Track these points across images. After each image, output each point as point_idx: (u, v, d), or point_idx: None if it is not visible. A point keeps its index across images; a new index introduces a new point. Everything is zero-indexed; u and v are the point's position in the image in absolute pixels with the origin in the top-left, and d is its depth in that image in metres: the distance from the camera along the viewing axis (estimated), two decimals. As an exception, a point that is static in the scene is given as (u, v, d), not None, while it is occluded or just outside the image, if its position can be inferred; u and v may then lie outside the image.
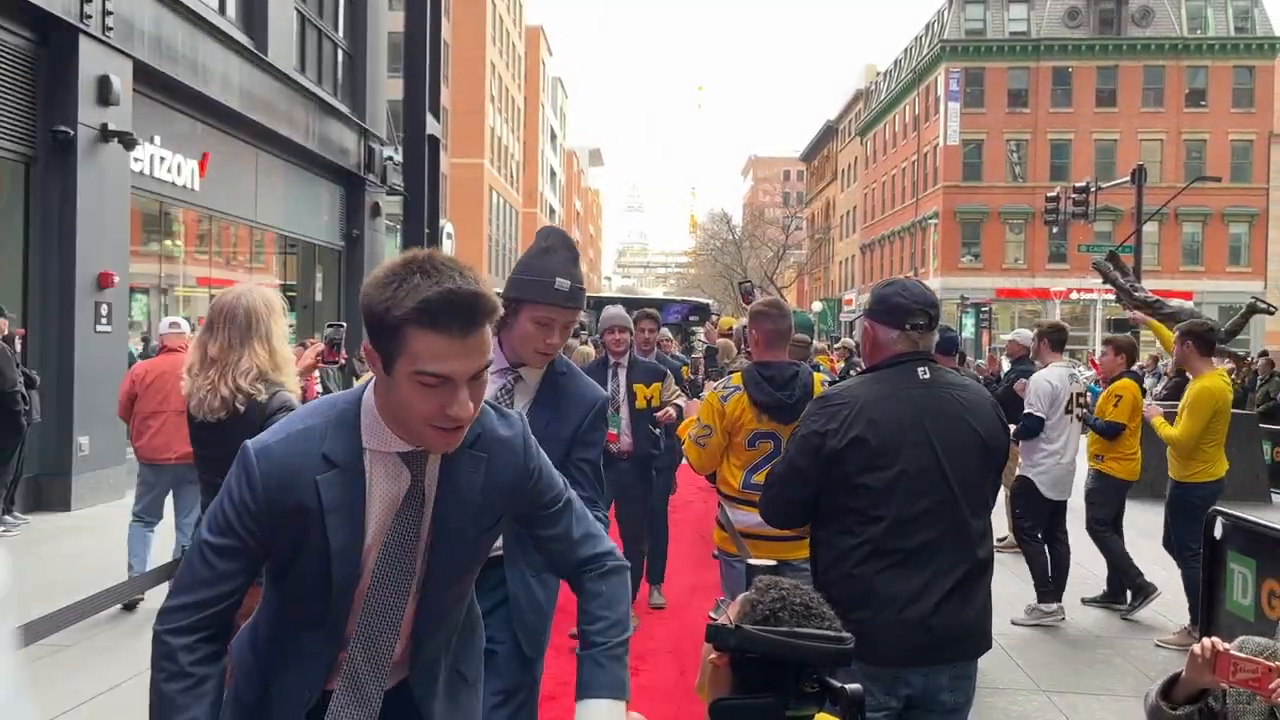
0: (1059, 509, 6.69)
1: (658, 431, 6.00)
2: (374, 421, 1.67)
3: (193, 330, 10.99)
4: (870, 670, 2.55)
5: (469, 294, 1.51)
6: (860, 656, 2.48)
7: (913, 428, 2.64)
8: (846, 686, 1.44)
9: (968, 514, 2.67)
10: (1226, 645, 2.22)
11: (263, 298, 3.39)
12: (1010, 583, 7.07)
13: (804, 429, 2.75)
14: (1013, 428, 5.53)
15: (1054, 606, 6.45)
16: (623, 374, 5.95)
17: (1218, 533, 5.03)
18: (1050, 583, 6.52)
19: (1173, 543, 6.21)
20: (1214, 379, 6.08)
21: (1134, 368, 7.74)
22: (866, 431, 2.63)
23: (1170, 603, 6.51)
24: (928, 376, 2.72)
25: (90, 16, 9.60)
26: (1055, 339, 6.92)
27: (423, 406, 1.55)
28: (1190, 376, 6.36)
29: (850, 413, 2.66)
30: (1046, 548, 6.62)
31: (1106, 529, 6.72)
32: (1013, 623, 6.38)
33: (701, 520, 8.54)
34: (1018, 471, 6.79)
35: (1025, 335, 8.61)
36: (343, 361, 3.95)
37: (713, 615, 1.60)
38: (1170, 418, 6.36)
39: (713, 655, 1.55)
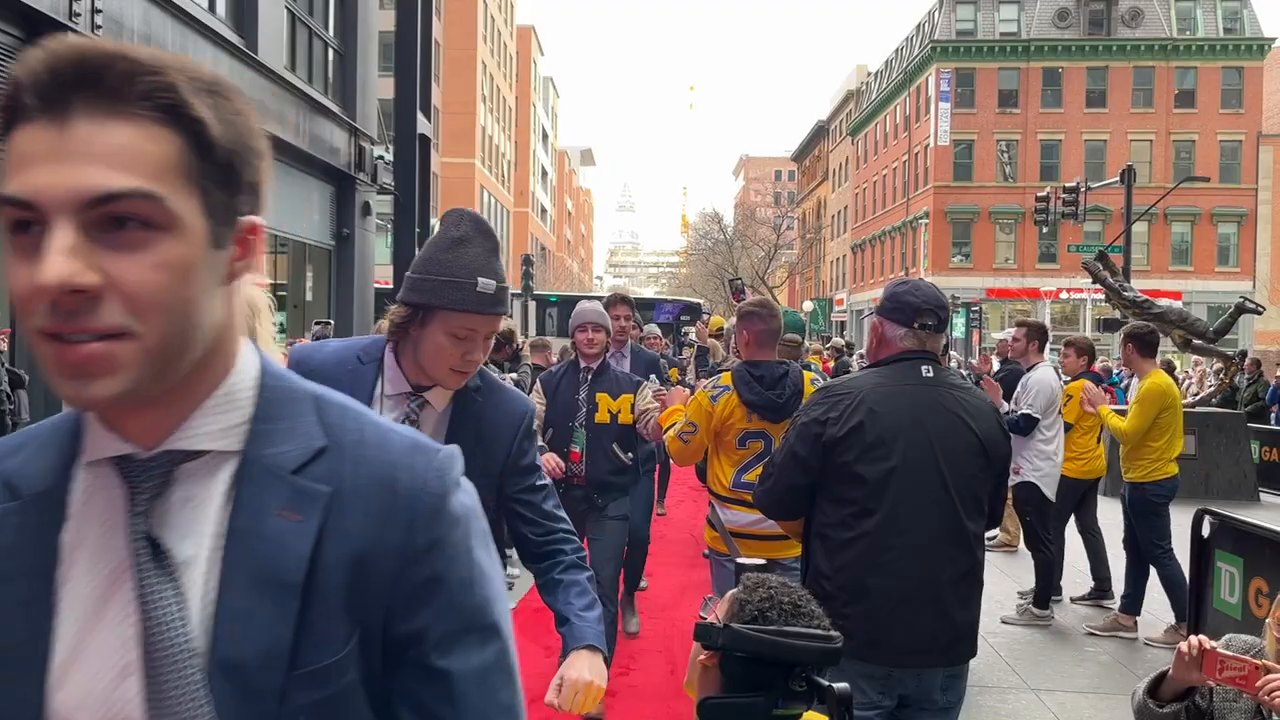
0: None
1: (628, 456, 4.81)
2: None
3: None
4: (865, 669, 2.54)
5: (78, 50, 0.79)
6: (856, 655, 2.49)
7: (912, 423, 2.64)
8: (834, 685, 1.45)
9: (963, 515, 2.67)
10: (1213, 644, 2.23)
11: (248, 299, 3.37)
12: (1000, 582, 7.10)
13: (804, 417, 2.74)
14: None
15: (1047, 612, 6.47)
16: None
17: (1205, 531, 5.06)
18: (1051, 592, 6.54)
19: (1140, 544, 6.25)
20: (1160, 376, 6.20)
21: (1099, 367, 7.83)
22: (866, 421, 2.63)
23: (1154, 600, 6.53)
24: (931, 375, 2.72)
25: (79, 14, 9.56)
26: (1044, 339, 6.95)
27: (15, 281, 0.79)
28: (1139, 376, 6.45)
29: (852, 403, 2.66)
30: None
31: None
32: (1003, 621, 6.40)
33: (692, 519, 8.56)
34: (1017, 478, 6.72)
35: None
36: None
37: (702, 614, 1.60)
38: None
39: (702, 655, 1.55)
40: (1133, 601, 6.39)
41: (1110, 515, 7.06)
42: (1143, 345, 6.29)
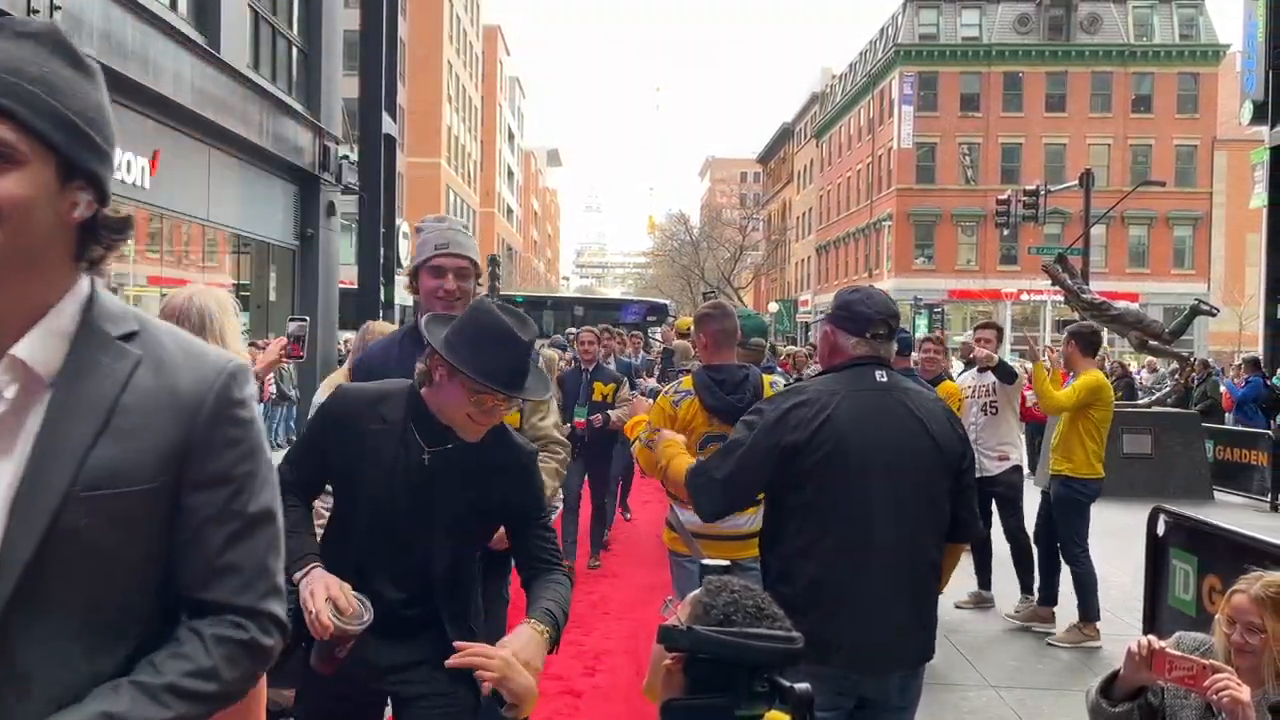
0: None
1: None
2: None
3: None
4: (823, 671, 2.55)
5: None
6: (815, 658, 2.52)
7: (869, 429, 2.65)
8: (795, 686, 1.47)
9: (921, 520, 2.69)
10: (1163, 643, 2.29)
11: (215, 298, 3.34)
12: (957, 577, 7.17)
13: (763, 421, 2.70)
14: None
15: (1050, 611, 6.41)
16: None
17: (1160, 530, 5.15)
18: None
19: (1060, 541, 6.21)
20: (1098, 375, 6.25)
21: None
22: (823, 429, 2.62)
23: (1115, 599, 6.63)
24: (885, 380, 2.73)
25: (37, 11, 9.40)
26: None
27: None
28: (1077, 374, 6.43)
29: (810, 409, 2.65)
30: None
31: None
32: (956, 606, 6.50)
33: (657, 520, 8.57)
34: (1007, 463, 6.64)
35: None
36: (303, 356, 3.87)
37: (664, 614, 1.62)
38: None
39: (667, 660, 1.57)
40: (1049, 596, 6.42)
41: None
42: (1085, 344, 6.30)
